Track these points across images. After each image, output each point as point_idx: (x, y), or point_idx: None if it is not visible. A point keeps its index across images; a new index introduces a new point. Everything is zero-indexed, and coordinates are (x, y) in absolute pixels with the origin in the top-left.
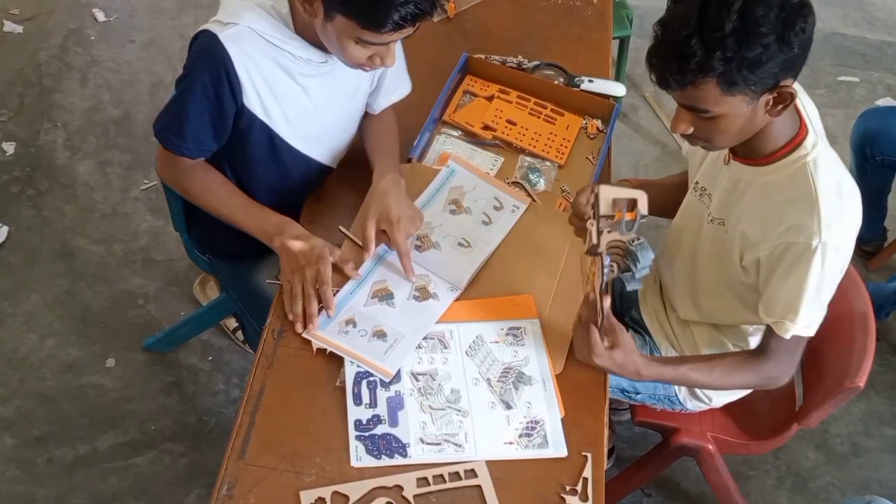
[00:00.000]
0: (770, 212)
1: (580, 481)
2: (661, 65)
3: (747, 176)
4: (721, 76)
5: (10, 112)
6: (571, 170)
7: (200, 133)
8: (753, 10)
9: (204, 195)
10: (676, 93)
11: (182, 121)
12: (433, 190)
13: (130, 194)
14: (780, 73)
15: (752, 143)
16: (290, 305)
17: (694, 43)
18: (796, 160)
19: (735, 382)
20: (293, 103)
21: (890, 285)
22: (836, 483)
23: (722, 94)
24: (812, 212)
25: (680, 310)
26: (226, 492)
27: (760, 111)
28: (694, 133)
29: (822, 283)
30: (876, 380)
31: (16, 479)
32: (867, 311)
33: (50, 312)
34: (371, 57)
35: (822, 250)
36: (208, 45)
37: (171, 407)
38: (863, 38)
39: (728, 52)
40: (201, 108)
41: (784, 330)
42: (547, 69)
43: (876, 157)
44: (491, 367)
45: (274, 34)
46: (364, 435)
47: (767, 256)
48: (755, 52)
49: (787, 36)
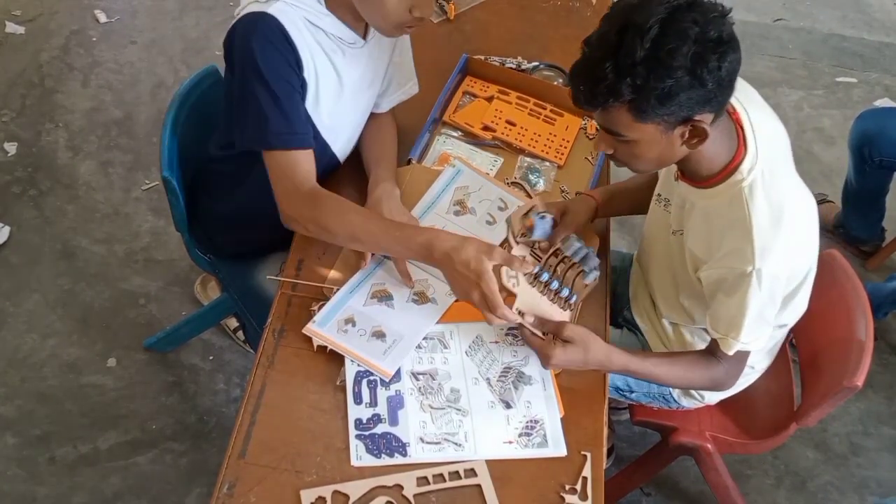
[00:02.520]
0: (711, 235)
1: (579, 480)
2: (576, 83)
3: (692, 197)
4: (631, 103)
5: (12, 112)
6: (571, 170)
7: (302, 115)
8: (667, 42)
9: (344, 227)
10: (594, 113)
11: (281, 110)
12: (438, 190)
13: (132, 194)
14: (693, 108)
15: (689, 166)
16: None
17: (607, 66)
18: (733, 185)
19: (690, 381)
20: (326, 82)
21: (888, 285)
22: (834, 482)
23: (633, 121)
24: (746, 239)
25: (665, 311)
26: (226, 491)
27: (677, 142)
28: (615, 155)
29: (764, 306)
30: (874, 379)
31: (17, 479)
32: (865, 311)
33: (51, 312)
34: (412, 9)
35: (757, 277)
36: (262, 24)
37: (172, 406)
38: (861, 38)
39: (638, 80)
40: (286, 91)
41: (727, 346)
42: (546, 70)
43: (874, 159)
44: (491, 366)
45: (310, 9)
46: (364, 434)
47: (708, 277)
48: (665, 84)
49: (700, 72)
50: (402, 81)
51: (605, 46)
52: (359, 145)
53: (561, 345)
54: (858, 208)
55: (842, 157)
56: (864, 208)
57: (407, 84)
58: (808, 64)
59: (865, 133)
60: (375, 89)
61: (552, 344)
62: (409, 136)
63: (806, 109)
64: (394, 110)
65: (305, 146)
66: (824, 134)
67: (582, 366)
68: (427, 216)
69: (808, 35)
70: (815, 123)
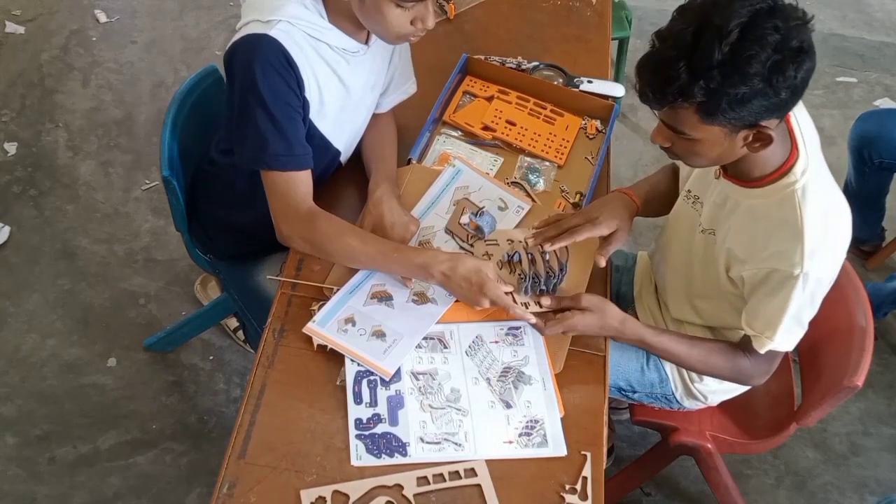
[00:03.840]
0: (756, 234)
1: (580, 480)
2: (645, 79)
3: (736, 195)
4: (701, 105)
5: (11, 112)
6: (571, 170)
7: (301, 137)
8: (746, 48)
9: (342, 250)
10: (656, 108)
11: (280, 133)
12: (438, 190)
13: (132, 194)
14: (763, 114)
15: (741, 166)
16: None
17: (681, 66)
18: (785, 186)
19: (710, 367)
20: (331, 94)
21: (888, 285)
22: (834, 482)
23: (700, 122)
24: (796, 241)
25: (674, 310)
26: (227, 491)
27: (739, 143)
28: (671, 148)
29: (803, 308)
30: (874, 379)
31: (17, 479)
32: (865, 311)
33: (51, 312)
34: (413, 21)
35: (803, 280)
36: (261, 47)
37: (172, 406)
38: (861, 38)
39: (712, 84)
40: (286, 113)
41: (761, 344)
42: (546, 70)
43: (874, 160)
44: (491, 366)
45: (312, 24)
46: (364, 434)
47: (751, 276)
48: (739, 91)
49: (776, 80)
50: (401, 81)
51: (679, 45)
52: (359, 146)
53: (579, 312)
54: (858, 209)
55: (842, 157)
56: (864, 209)
57: (406, 84)
58: None
59: (865, 135)
60: (378, 91)
61: (570, 314)
62: (409, 136)
63: (806, 109)
64: (394, 110)
65: (303, 167)
66: (824, 134)
67: (598, 331)
68: (427, 216)
69: None
70: (816, 123)
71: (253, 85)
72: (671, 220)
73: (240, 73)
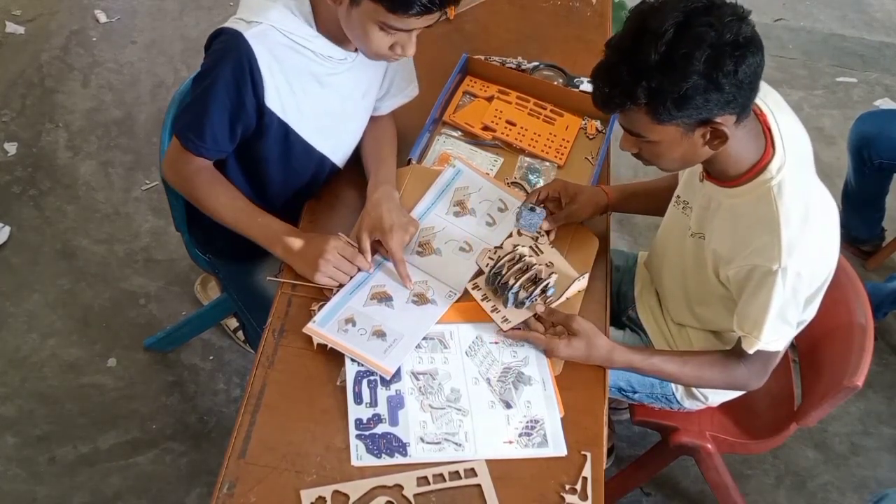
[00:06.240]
0: (738, 233)
1: (580, 480)
2: (595, 86)
3: (718, 196)
4: (648, 106)
5: (12, 113)
6: (571, 170)
7: (220, 133)
8: (682, 46)
9: (208, 199)
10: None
11: (203, 120)
12: (438, 190)
13: (132, 194)
14: (714, 111)
15: (717, 166)
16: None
17: (622, 70)
18: (761, 184)
19: (706, 380)
20: (312, 100)
21: (888, 285)
22: (834, 482)
23: (652, 123)
24: (773, 236)
25: (675, 315)
26: (227, 491)
27: (699, 142)
28: (640, 154)
29: (786, 304)
30: (874, 379)
31: (17, 479)
32: (865, 311)
33: (51, 312)
34: (393, 46)
35: (782, 275)
36: (233, 43)
37: (172, 406)
38: (861, 38)
39: (653, 84)
40: (223, 107)
41: (749, 344)
42: (546, 70)
43: (873, 161)
44: (491, 366)
45: (297, 32)
46: (364, 434)
47: (735, 275)
48: (680, 88)
49: (715, 76)
50: (402, 85)
51: (621, 49)
52: (358, 148)
53: (566, 338)
54: (858, 209)
55: (842, 157)
56: (864, 209)
57: (408, 88)
58: (808, 64)
59: (864, 135)
60: (372, 96)
61: (556, 338)
62: (409, 136)
63: (806, 109)
64: (393, 112)
65: (200, 155)
66: (824, 134)
67: (584, 360)
68: (427, 217)
69: (808, 35)
70: (815, 123)
71: (209, 71)
72: (664, 228)
73: (208, 57)
